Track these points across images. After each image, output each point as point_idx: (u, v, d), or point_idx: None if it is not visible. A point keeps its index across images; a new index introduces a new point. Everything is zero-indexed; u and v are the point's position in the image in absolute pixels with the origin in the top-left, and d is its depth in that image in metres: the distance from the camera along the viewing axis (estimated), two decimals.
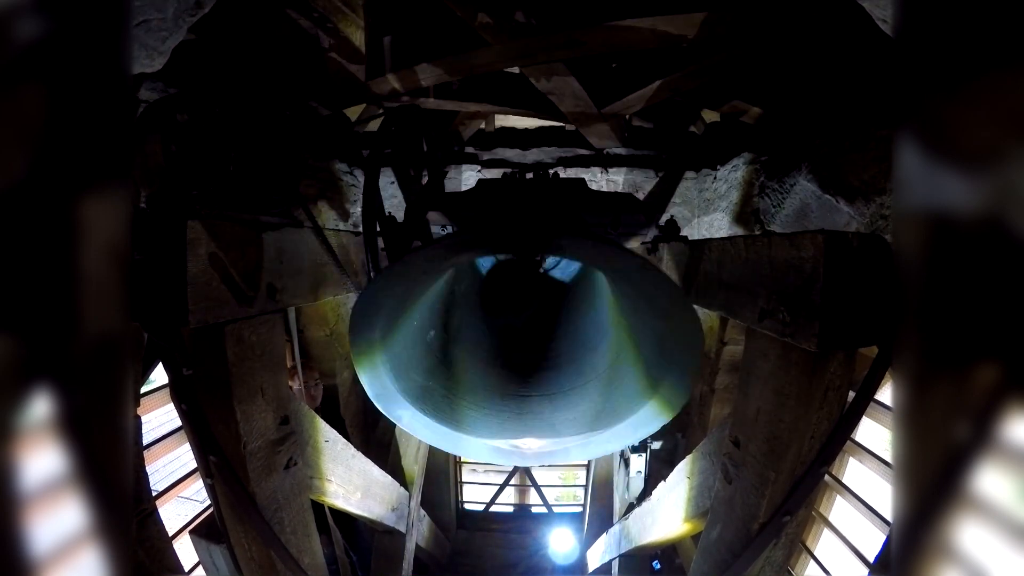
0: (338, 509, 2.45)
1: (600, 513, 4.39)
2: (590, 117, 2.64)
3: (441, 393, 1.53)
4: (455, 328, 1.78)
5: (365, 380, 1.33)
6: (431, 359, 1.59)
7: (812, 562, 3.23)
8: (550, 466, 7.16)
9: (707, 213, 3.19)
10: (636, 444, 3.20)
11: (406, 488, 3.28)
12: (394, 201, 3.30)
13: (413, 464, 3.46)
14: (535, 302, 1.94)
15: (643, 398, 1.35)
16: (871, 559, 2.37)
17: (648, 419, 1.36)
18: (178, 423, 2.61)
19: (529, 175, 2.22)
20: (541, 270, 1.99)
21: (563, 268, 2.14)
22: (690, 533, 2.37)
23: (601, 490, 4.46)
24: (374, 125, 2.92)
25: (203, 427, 1.48)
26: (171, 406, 1.96)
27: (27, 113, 0.54)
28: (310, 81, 2.35)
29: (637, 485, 3.22)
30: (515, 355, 1.80)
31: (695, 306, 1.24)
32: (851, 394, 1.39)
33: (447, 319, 1.77)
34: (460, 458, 5.76)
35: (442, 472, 5.17)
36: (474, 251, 1.43)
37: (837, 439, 1.40)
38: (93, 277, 0.61)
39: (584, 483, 5.64)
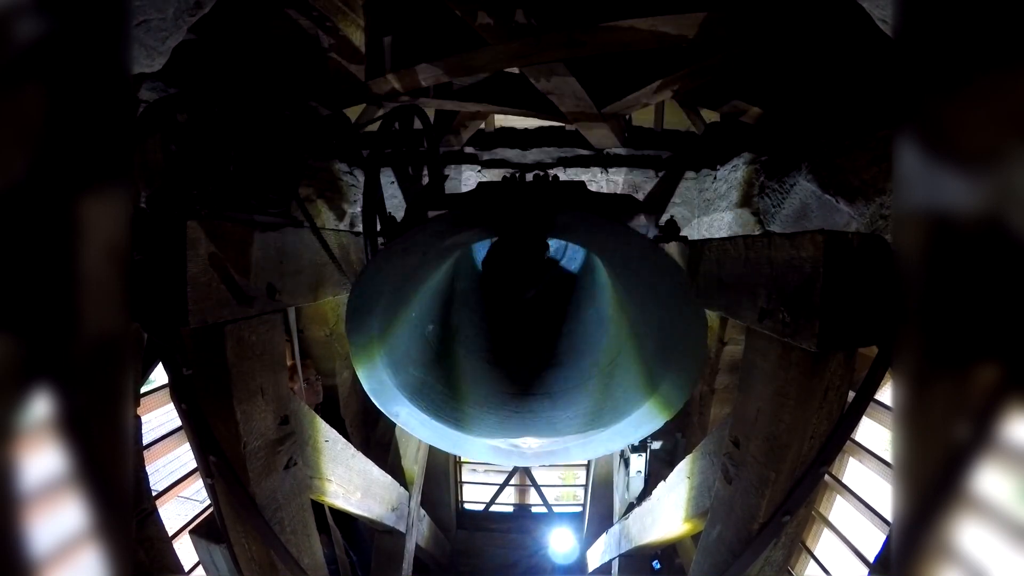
0: (338, 509, 2.45)
1: (600, 513, 4.39)
2: (590, 117, 2.64)
3: (439, 390, 1.50)
4: (455, 323, 1.74)
5: (362, 374, 1.31)
6: (430, 353, 1.56)
7: (812, 562, 3.23)
8: (550, 466, 7.15)
9: (707, 213, 3.19)
10: (636, 443, 3.20)
11: (406, 488, 3.28)
12: (394, 201, 3.30)
13: (413, 464, 3.46)
14: (542, 279, 1.90)
15: (644, 396, 1.34)
16: (871, 559, 2.37)
17: (648, 417, 1.34)
18: (178, 423, 2.61)
19: (529, 177, 2.21)
20: (548, 255, 1.96)
21: (566, 261, 2.11)
22: (690, 533, 2.37)
23: (601, 490, 4.46)
24: (374, 125, 2.92)
25: (203, 427, 1.48)
26: (171, 406, 1.96)
27: (27, 113, 0.53)
28: (310, 81, 2.35)
29: (637, 485, 3.22)
30: (515, 352, 1.77)
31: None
32: (851, 394, 1.39)
33: (446, 314, 1.73)
34: (460, 458, 5.76)
35: (442, 472, 5.16)
36: (478, 229, 1.37)
37: (837, 439, 1.40)
38: (93, 277, 0.61)
39: (584, 483, 5.65)
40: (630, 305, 1.48)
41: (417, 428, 1.45)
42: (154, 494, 2.54)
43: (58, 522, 0.60)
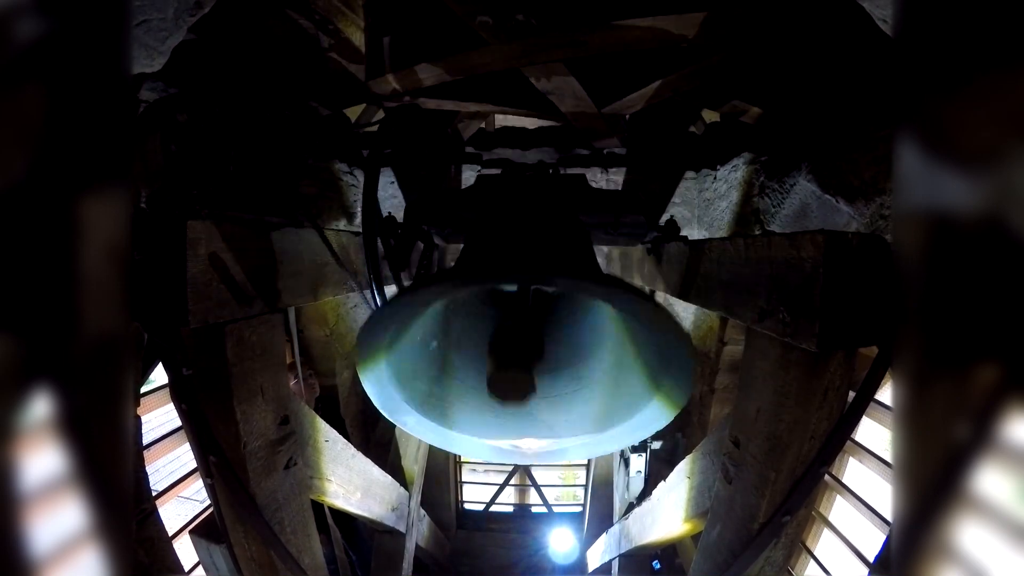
0: (338, 509, 2.45)
1: (600, 513, 4.39)
2: (590, 117, 2.64)
3: (445, 398, 1.53)
4: (456, 336, 1.77)
5: (372, 392, 1.34)
6: (435, 368, 1.60)
7: (812, 562, 3.23)
8: (550, 466, 7.16)
9: (707, 213, 3.19)
10: (636, 444, 3.21)
11: (406, 488, 3.29)
12: (394, 201, 3.30)
13: (413, 464, 3.46)
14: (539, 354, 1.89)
15: (643, 400, 1.35)
16: (871, 559, 2.37)
17: (647, 421, 1.35)
18: (178, 423, 2.61)
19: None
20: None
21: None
22: (690, 533, 2.37)
23: (601, 490, 4.47)
24: (374, 125, 2.92)
25: (203, 427, 1.48)
26: (171, 406, 1.96)
27: (27, 113, 0.54)
28: (310, 81, 2.35)
29: (637, 485, 3.22)
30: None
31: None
32: (851, 394, 1.39)
33: (448, 326, 1.76)
34: (460, 458, 5.76)
35: (442, 472, 5.17)
36: (474, 284, 1.48)
37: (837, 439, 1.40)
38: (93, 277, 0.61)
39: (584, 483, 5.65)
40: (626, 325, 1.52)
41: (425, 433, 1.49)
42: (154, 494, 2.55)
43: (58, 522, 0.60)
